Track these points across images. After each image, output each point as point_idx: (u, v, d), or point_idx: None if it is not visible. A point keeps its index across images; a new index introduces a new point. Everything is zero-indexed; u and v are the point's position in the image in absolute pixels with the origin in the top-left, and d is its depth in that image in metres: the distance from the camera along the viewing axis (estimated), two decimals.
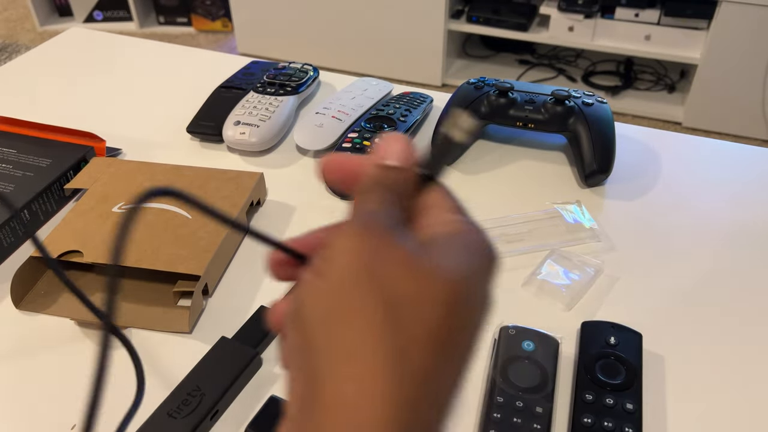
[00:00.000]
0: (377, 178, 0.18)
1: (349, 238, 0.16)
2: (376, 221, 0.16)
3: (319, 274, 0.16)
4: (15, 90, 0.58)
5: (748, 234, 0.41)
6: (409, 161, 0.19)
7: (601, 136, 0.44)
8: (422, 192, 0.19)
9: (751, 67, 1.37)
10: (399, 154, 0.19)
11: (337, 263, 0.16)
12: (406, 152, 0.19)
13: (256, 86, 0.52)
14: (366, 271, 0.15)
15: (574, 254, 0.38)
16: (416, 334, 0.15)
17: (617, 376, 0.30)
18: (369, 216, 0.17)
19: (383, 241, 0.16)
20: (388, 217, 0.17)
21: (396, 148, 0.19)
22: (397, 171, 0.18)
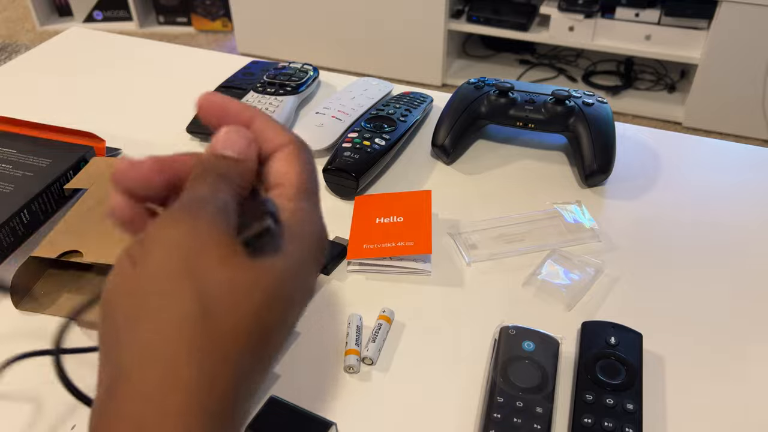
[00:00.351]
0: (211, 165, 0.18)
1: (170, 227, 0.15)
2: (200, 207, 0.16)
3: (134, 263, 0.15)
4: (15, 90, 0.57)
5: (748, 234, 0.41)
6: (248, 154, 0.18)
7: (601, 136, 0.44)
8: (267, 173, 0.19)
9: (752, 67, 1.37)
10: (238, 146, 0.18)
11: (154, 256, 0.15)
12: (246, 145, 0.18)
13: (256, 86, 0.52)
14: (183, 266, 0.15)
15: (575, 254, 0.38)
16: (227, 330, 0.14)
17: (617, 376, 0.30)
18: (194, 202, 0.16)
19: (205, 230, 0.15)
20: (216, 204, 0.16)
21: (236, 140, 0.18)
22: (233, 162, 0.18)
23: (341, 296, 0.36)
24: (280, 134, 0.19)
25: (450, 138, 0.46)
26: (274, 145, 0.19)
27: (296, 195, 0.18)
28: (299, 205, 0.18)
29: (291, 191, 0.18)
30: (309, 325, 0.34)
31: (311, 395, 0.31)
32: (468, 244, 0.40)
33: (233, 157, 0.18)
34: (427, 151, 0.49)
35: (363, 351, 0.32)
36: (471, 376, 0.32)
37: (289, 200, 0.18)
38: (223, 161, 0.18)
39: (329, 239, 0.39)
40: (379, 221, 0.39)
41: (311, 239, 0.18)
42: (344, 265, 0.38)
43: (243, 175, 0.18)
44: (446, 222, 0.42)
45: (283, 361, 0.32)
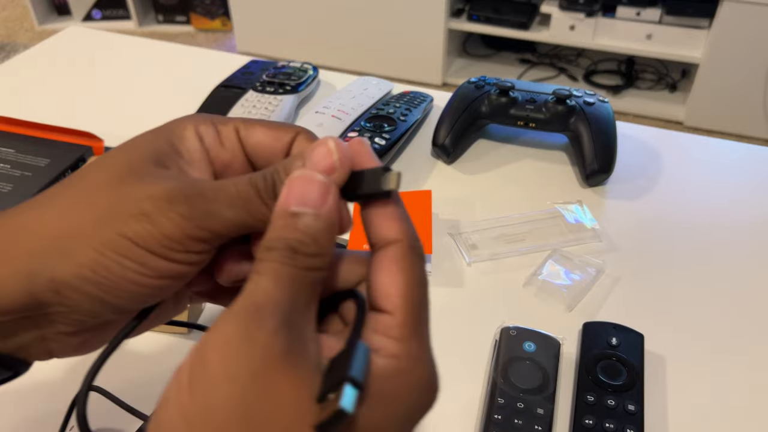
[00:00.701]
0: (281, 232, 0.14)
1: (229, 349, 0.13)
2: (257, 323, 0.13)
3: (190, 387, 0.13)
4: (13, 89, 0.57)
5: (750, 234, 0.41)
6: (326, 209, 0.14)
7: (602, 135, 0.44)
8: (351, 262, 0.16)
9: (753, 66, 1.37)
10: (313, 198, 0.14)
11: (210, 388, 0.12)
12: (321, 195, 0.14)
13: (255, 85, 0.52)
14: (242, 416, 0.12)
15: (576, 254, 0.38)
16: None
17: (619, 377, 0.30)
18: (258, 314, 0.13)
19: (272, 370, 0.12)
20: (285, 323, 0.13)
21: (310, 189, 0.14)
22: (306, 220, 0.14)
23: None
24: (391, 223, 0.15)
25: (450, 137, 0.46)
26: (381, 236, 0.15)
27: (404, 332, 0.14)
28: (405, 348, 0.14)
29: (397, 325, 0.14)
30: None
31: None
32: (468, 244, 0.39)
33: (307, 212, 0.14)
34: (427, 150, 0.49)
35: None
36: (471, 377, 0.32)
37: (394, 339, 0.14)
38: (294, 222, 0.14)
39: None
40: None
41: (414, 396, 0.14)
42: None
43: (321, 246, 0.14)
44: (446, 222, 0.41)
45: None
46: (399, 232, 0.16)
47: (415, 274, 0.15)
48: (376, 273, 0.15)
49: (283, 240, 0.14)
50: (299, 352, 0.13)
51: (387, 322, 0.15)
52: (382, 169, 0.16)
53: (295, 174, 0.15)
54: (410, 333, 0.14)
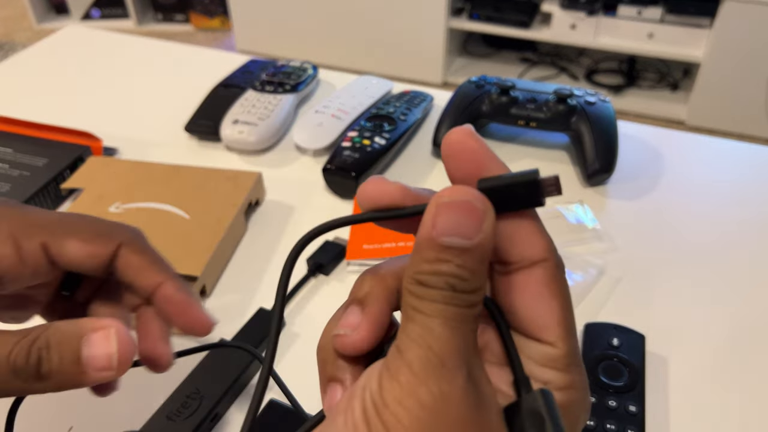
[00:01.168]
0: (435, 266, 0.12)
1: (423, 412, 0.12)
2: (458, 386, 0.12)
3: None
4: (11, 89, 0.57)
5: (752, 233, 0.41)
6: (481, 233, 0.12)
7: (603, 134, 0.44)
8: None
9: (755, 66, 1.36)
10: (466, 227, 0.12)
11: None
12: (476, 223, 0.12)
13: (254, 84, 0.52)
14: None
15: (577, 254, 0.38)
16: None
17: (620, 378, 0.30)
18: (445, 368, 0.12)
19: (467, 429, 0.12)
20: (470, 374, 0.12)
21: (462, 219, 0.12)
22: (461, 253, 0.12)
23: (341, 297, 0.36)
24: (535, 240, 0.14)
25: None
26: (525, 256, 0.14)
27: (568, 362, 0.13)
28: (573, 380, 0.13)
29: (563, 357, 0.13)
30: (308, 327, 0.34)
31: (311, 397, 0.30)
32: None
33: (464, 246, 0.12)
34: (427, 150, 0.48)
35: None
36: None
37: (561, 371, 0.13)
38: (449, 255, 0.12)
39: (329, 240, 0.39)
40: None
41: (582, 422, 0.14)
42: (344, 265, 0.38)
43: (480, 279, 0.13)
44: None
45: (283, 363, 0.32)
46: (545, 250, 0.14)
47: (567, 297, 0.14)
48: (526, 299, 0.14)
49: (441, 277, 0.12)
50: (484, 403, 0.13)
51: (551, 354, 0.14)
52: (533, 174, 0.14)
53: (451, 197, 0.13)
54: (573, 362, 0.14)
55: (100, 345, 0.17)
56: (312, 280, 0.37)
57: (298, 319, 0.34)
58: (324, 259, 0.37)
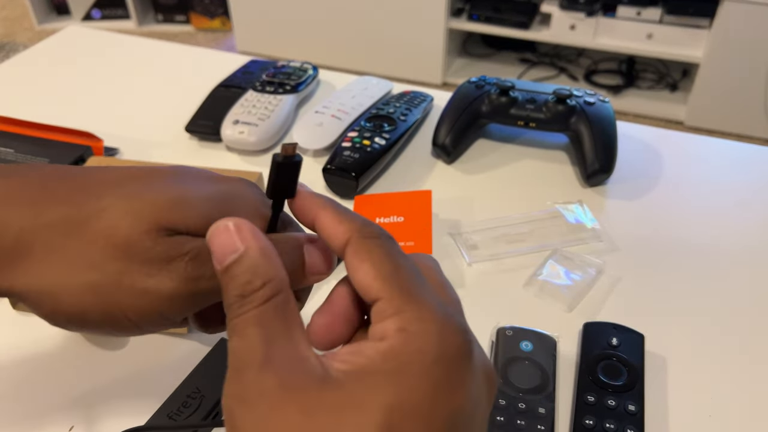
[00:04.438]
0: (227, 289, 0.15)
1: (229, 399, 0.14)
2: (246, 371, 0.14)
3: None
4: (12, 89, 0.57)
5: (751, 233, 0.41)
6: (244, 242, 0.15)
7: (602, 135, 0.44)
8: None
9: (754, 66, 1.37)
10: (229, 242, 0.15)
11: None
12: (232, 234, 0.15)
13: (255, 85, 0.52)
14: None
15: (576, 254, 0.38)
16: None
17: (619, 378, 0.30)
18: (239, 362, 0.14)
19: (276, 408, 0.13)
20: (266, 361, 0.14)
21: (224, 239, 0.15)
22: (238, 264, 0.15)
23: None
24: (332, 230, 0.16)
25: (450, 137, 0.46)
26: (335, 246, 0.17)
27: (396, 304, 0.14)
28: (406, 317, 0.14)
29: (389, 303, 0.14)
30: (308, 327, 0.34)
31: None
32: (469, 244, 0.39)
33: (234, 260, 0.15)
34: (427, 150, 0.48)
35: None
36: None
37: (391, 316, 0.14)
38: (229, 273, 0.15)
39: None
40: (379, 221, 0.39)
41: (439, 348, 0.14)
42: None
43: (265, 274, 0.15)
44: (447, 222, 0.41)
45: None
46: (344, 232, 0.16)
47: (378, 252, 0.16)
48: (351, 274, 0.16)
49: (231, 294, 0.15)
50: (297, 379, 0.14)
51: (379, 308, 0.15)
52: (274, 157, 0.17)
53: (208, 234, 0.16)
54: (404, 300, 0.15)
55: (317, 254, 0.19)
56: None
57: None
58: None
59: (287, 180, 0.18)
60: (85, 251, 0.17)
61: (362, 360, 0.14)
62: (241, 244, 0.15)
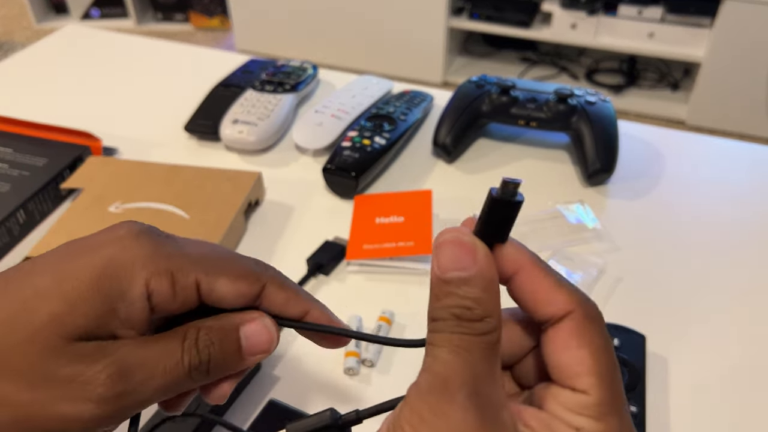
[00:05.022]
0: (443, 301, 0.14)
1: (425, 427, 0.13)
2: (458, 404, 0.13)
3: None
4: (10, 88, 0.57)
5: (753, 233, 0.40)
6: (475, 267, 0.14)
7: (604, 134, 0.44)
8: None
9: (756, 65, 1.36)
10: (463, 260, 0.14)
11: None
12: (468, 255, 0.14)
13: (254, 84, 0.52)
14: None
15: (577, 254, 0.38)
16: None
17: None
18: (446, 388, 0.13)
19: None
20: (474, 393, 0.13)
21: (457, 252, 0.14)
22: (461, 284, 0.14)
23: (341, 297, 0.36)
24: (554, 296, 0.15)
25: (451, 137, 0.46)
26: (549, 314, 0.15)
27: (602, 410, 0.14)
28: (607, 427, 0.14)
29: (594, 405, 0.14)
30: None
31: (311, 398, 0.30)
32: None
33: (462, 278, 0.14)
34: (427, 150, 0.48)
35: (363, 353, 0.32)
36: None
37: (593, 419, 0.14)
38: (453, 288, 0.14)
39: (329, 240, 0.39)
40: (379, 221, 0.39)
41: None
42: (344, 265, 0.38)
43: (486, 308, 0.14)
44: (447, 222, 0.41)
45: (283, 363, 0.32)
46: (567, 303, 0.15)
47: (599, 344, 0.15)
48: (556, 352, 0.15)
49: (447, 309, 0.14)
50: (493, 422, 0.14)
51: (582, 402, 0.14)
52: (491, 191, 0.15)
53: (441, 238, 0.15)
54: (609, 410, 0.14)
55: (256, 333, 0.18)
56: (312, 280, 0.37)
57: None
58: (324, 259, 0.37)
59: (502, 221, 0.15)
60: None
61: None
62: (472, 265, 0.14)
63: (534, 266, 0.16)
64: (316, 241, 0.39)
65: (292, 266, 0.37)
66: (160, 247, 0.17)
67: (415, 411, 0.14)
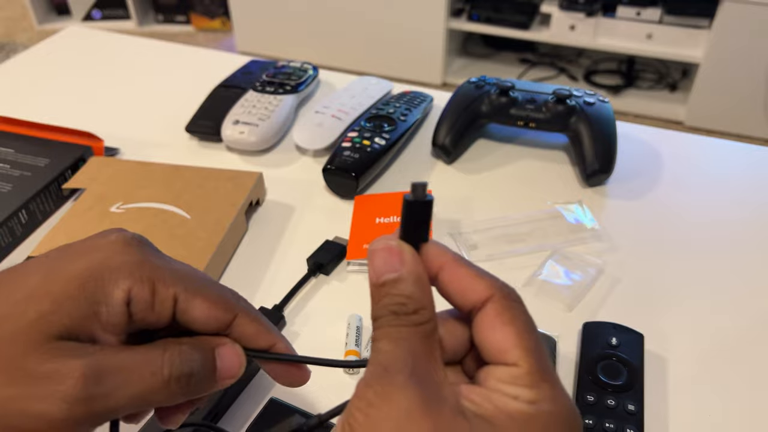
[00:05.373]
0: (380, 302, 0.16)
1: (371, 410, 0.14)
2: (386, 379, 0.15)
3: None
4: (13, 89, 0.57)
5: (750, 233, 0.41)
6: (403, 267, 0.16)
7: (602, 135, 0.44)
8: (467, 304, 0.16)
9: (754, 66, 1.37)
10: (390, 263, 0.16)
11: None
12: (395, 258, 0.16)
13: (255, 85, 0.52)
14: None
15: (576, 254, 0.38)
16: None
17: (619, 377, 0.30)
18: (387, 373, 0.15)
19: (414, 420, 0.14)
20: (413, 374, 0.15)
21: (386, 257, 0.16)
22: (394, 284, 0.16)
23: (341, 297, 0.36)
24: (472, 285, 0.17)
25: (450, 137, 0.46)
26: (471, 301, 0.17)
27: (534, 378, 0.15)
28: (541, 392, 0.15)
29: (526, 374, 0.15)
30: (308, 326, 0.34)
31: (311, 396, 0.30)
32: (469, 244, 0.39)
33: (391, 278, 0.16)
34: (427, 150, 0.49)
35: (363, 352, 0.32)
36: None
37: (527, 387, 0.15)
38: (384, 289, 0.16)
39: (329, 240, 0.39)
40: (379, 221, 0.39)
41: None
42: (344, 265, 0.38)
43: (417, 301, 0.16)
44: (447, 222, 0.41)
45: None
46: (486, 289, 0.17)
47: (521, 321, 0.16)
48: (485, 332, 0.16)
49: (385, 308, 0.16)
50: (435, 399, 0.15)
51: (515, 373, 0.15)
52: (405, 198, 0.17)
53: (372, 247, 0.17)
54: (540, 377, 0.15)
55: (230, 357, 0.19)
56: (312, 279, 0.37)
57: (298, 319, 0.35)
58: (324, 258, 0.37)
59: (420, 222, 0.17)
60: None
61: (491, 408, 0.15)
62: (401, 266, 0.16)
63: (455, 262, 0.17)
64: (317, 241, 0.39)
65: (293, 266, 0.38)
66: (146, 257, 0.18)
67: (362, 398, 0.15)
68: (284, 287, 0.36)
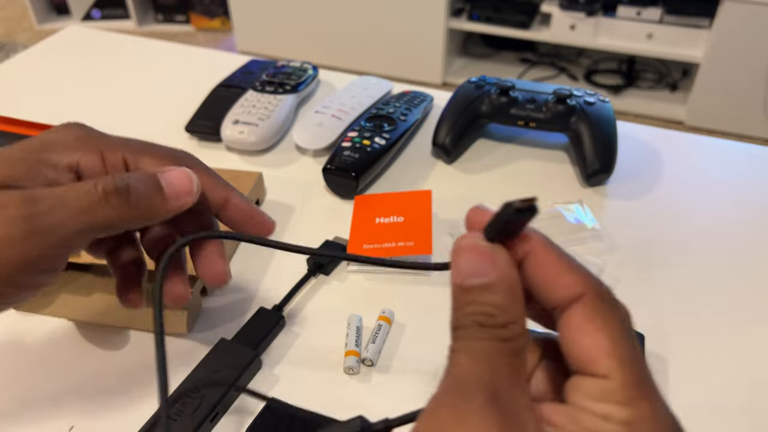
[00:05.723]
0: (464, 309, 0.14)
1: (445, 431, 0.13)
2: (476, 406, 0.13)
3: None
4: (12, 89, 0.57)
5: (751, 234, 0.41)
6: (496, 270, 0.14)
7: (603, 135, 0.44)
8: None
9: (754, 66, 1.37)
10: (482, 267, 0.14)
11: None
12: (488, 262, 0.14)
13: (254, 85, 0.52)
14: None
15: (576, 254, 0.38)
16: None
17: None
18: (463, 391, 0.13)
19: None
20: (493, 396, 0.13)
21: (475, 258, 0.14)
22: (482, 291, 0.14)
23: (341, 297, 0.36)
24: (565, 279, 0.14)
25: (450, 137, 0.46)
26: (560, 298, 0.14)
27: (629, 393, 0.13)
28: (637, 412, 0.13)
29: (620, 389, 0.13)
30: (308, 326, 0.34)
31: (311, 397, 0.30)
32: None
33: (481, 284, 0.14)
34: (427, 150, 0.48)
35: (363, 352, 0.32)
36: None
37: (621, 405, 0.13)
38: (473, 296, 0.14)
39: (329, 240, 0.39)
40: (379, 221, 0.39)
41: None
42: (344, 265, 0.38)
43: (508, 314, 0.14)
44: (447, 222, 0.41)
45: (283, 363, 0.32)
46: (578, 285, 0.14)
47: (617, 326, 0.14)
48: (571, 338, 0.14)
49: (469, 317, 0.14)
50: (513, 424, 0.13)
51: (606, 388, 0.13)
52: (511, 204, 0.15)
53: (458, 245, 0.15)
54: (637, 393, 0.13)
55: (175, 175, 0.20)
56: (312, 279, 0.37)
57: (298, 319, 0.35)
58: (324, 258, 0.37)
59: (515, 228, 0.15)
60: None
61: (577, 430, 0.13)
62: (491, 271, 0.14)
63: (544, 247, 0.15)
64: (316, 241, 0.39)
65: (293, 266, 0.38)
66: (90, 132, 0.21)
67: (432, 415, 0.13)
68: (284, 287, 0.35)
